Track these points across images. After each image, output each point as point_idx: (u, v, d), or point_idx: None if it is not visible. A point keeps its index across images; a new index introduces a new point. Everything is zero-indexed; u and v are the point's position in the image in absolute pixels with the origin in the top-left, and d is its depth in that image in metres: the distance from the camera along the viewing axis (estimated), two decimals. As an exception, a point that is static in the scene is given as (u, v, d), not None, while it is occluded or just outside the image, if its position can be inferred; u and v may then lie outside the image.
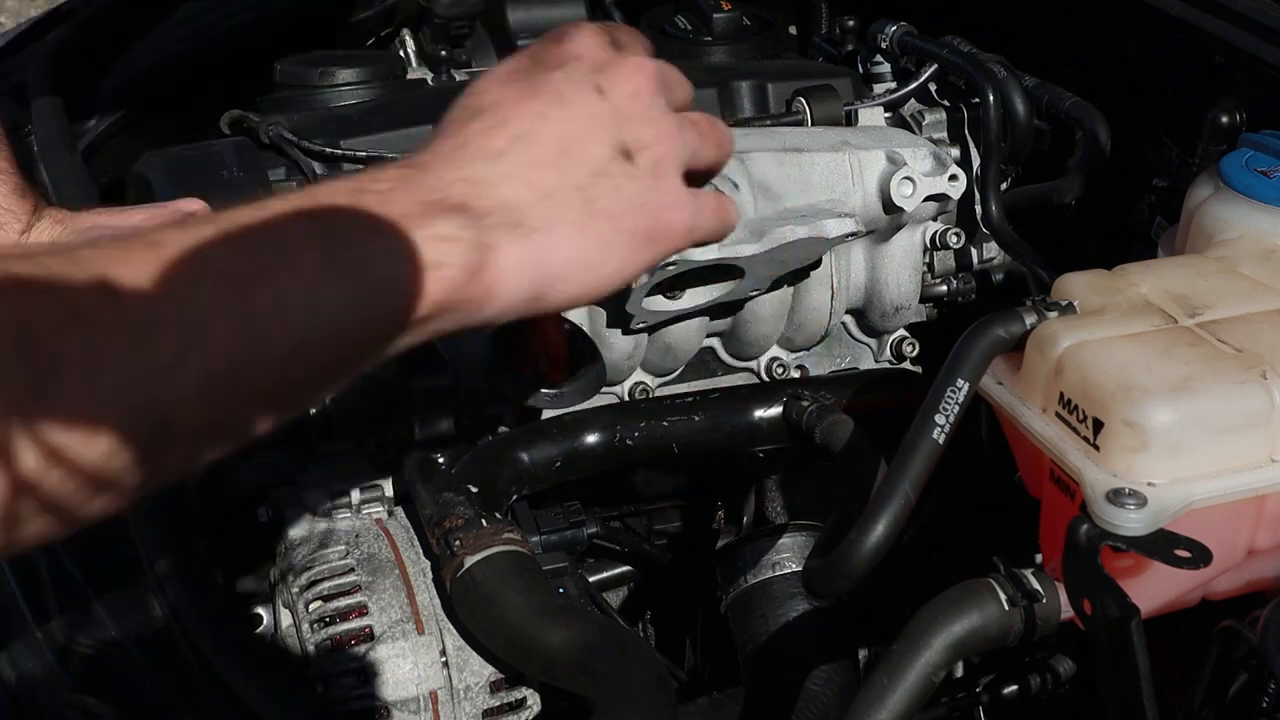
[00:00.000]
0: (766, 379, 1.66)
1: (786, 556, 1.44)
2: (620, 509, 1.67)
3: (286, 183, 1.55)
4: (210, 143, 1.62)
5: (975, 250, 1.77)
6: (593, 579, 1.66)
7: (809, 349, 1.69)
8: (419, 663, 1.27)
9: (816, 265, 1.58)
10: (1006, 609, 1.07)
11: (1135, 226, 1.65)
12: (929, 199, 1.60)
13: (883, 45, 1.81)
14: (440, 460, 1.37)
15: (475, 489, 1.33)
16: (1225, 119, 1.52)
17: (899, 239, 1.65)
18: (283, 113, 1.63)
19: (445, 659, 1.27)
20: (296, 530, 1.38)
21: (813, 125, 1.68)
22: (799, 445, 1.49)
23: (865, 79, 1.84)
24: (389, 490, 1.44)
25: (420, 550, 1.35)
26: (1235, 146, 1.38)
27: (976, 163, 1.75)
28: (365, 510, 1.41)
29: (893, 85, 1.82)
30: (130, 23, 1.93)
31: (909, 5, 1.86)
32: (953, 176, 1.60)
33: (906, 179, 1.58)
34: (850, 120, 1.71)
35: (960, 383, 1.12)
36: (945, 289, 1.73)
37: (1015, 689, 1.28)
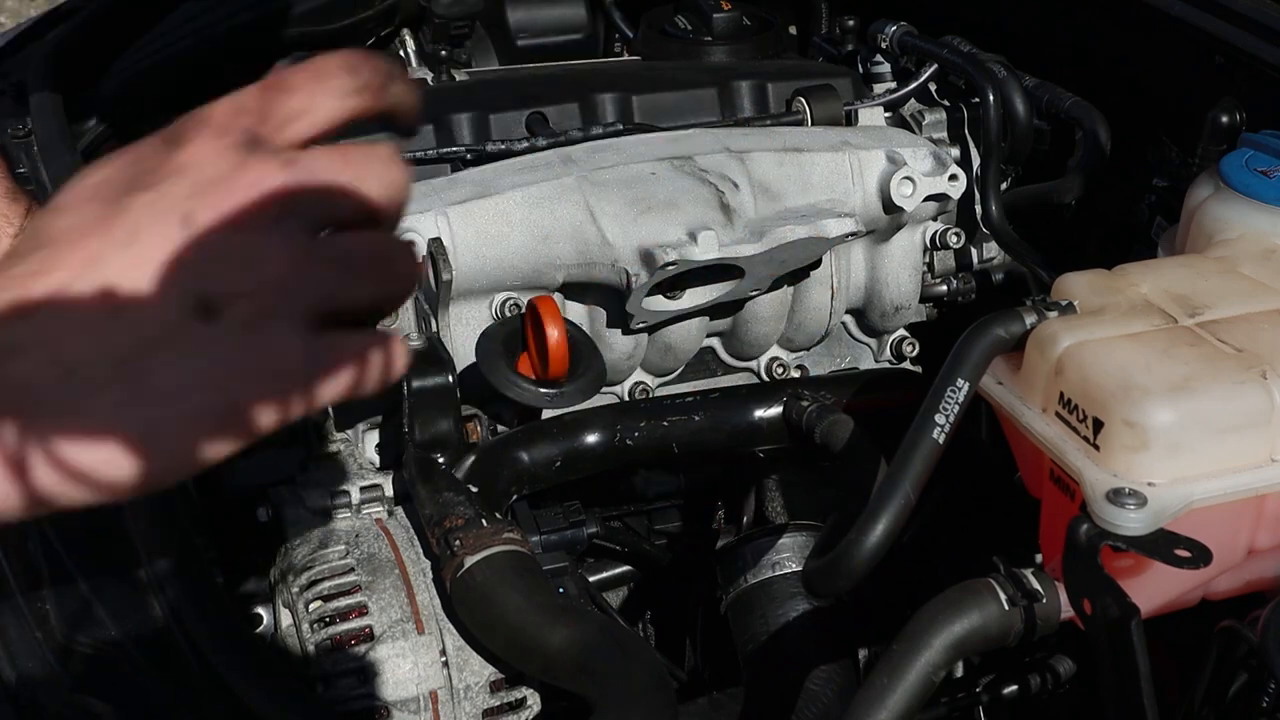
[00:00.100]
0: (766, 379, 1.66)
1: (786, 556, 1.44)
2: (620, 509, 1.67)
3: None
4: (210, 143, 1.62)
5: (975, 250, 1.77)
6: (593, 579, 1.66)
7: (809, 349, 1.69)
8: (419, 663, 1.27)
9: (816, 265, 1.58)
10: (1006, 609, 1.07)
11: (1135, 226, 1.65)
12: (929, 199, 1.60)
13: (883, 45, 1.81)
14: (440, 460, 1.37)
15: (475, 489, 1.33)
16: (1225, 119, 1.52)
17: (899, 239, 1.65)
18: (283, 113, 1.62)
19: (445, 659, 1.27)
20: (296, 530, 1.38)
21: (813, 125, 1.68)
22: (799, 445, 1.49)
23: (865, 79, 1.84)
24: (389, 490, 1.43)
25: (420, 550, 1.35)
26: (1235, 146, 1.38)
27: (976, 163, 1.75)
28: (365, 510, 1.41)
29: (893, 85, 1.82)
30: (130, 23, 1.93)
31: (909, 5, 1.86)
32: (953, 176, 1.60)
33: (906, 179, 1.58)
34: (850, 120, 1.71)
35: (960, 383, 1.12)
36: (945, 289, 1.73)
37: (1015, 689, 1.28)
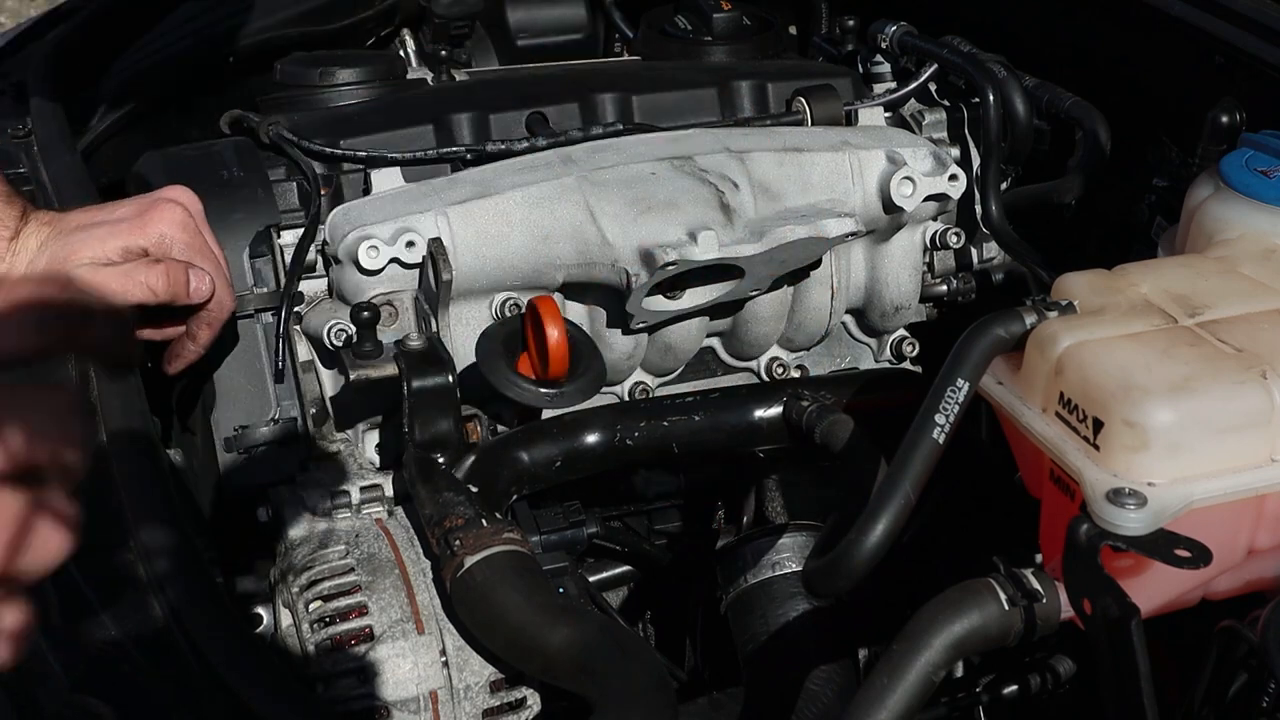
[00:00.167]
0: (766, 379, 1.66)
1: (786, 556, 1.44)
2: (620, 509, 1.67)
3: (287, 182, 1.56)
4: (210, 143, 1.62)
5: (975, 250, 1.77)
6: (593, 579, 1.66)
7: (809, 349, 1.69)
8: (419, 663, 1.27)
9: (816, 265, 1.58)
10: (1006, 609, 1.07)
11: (1135, 226, 1.65)
12: (929, 199, 1.60)
13: (883, 45, 1.81)
14: (440, 460, 1.37)
15: (475, 489, 1.33)
16: (1225, 119, 1.52)
17: (899, 239, 1.65)
18: (283, 113, 1.63)
19: (445, 659, 1.27)
20: (296, 530, 1.38)
21: (813, 125, 1.68)
22: (799, 445, 1.49)
23: (865, 79, 1.84)
24: (389, 490, 1.43)
25: (420, 550, 1.35)
26: (1235, 146, 1.38)
27: (976, 163, 1.75)
28: (365, 510, 1.41)
29: (893, 85, 1.82)
30: (130, 23, 1.93)
31: (909, 5, 1.86)
32: (953, 176, 1.60)
33: (906, 179, 1.58)
34: (850, 120, 1.71)
35: (960, 383, 1.12)
36: (945, 289, 1.73)
37: (1015, 689, 1.28)
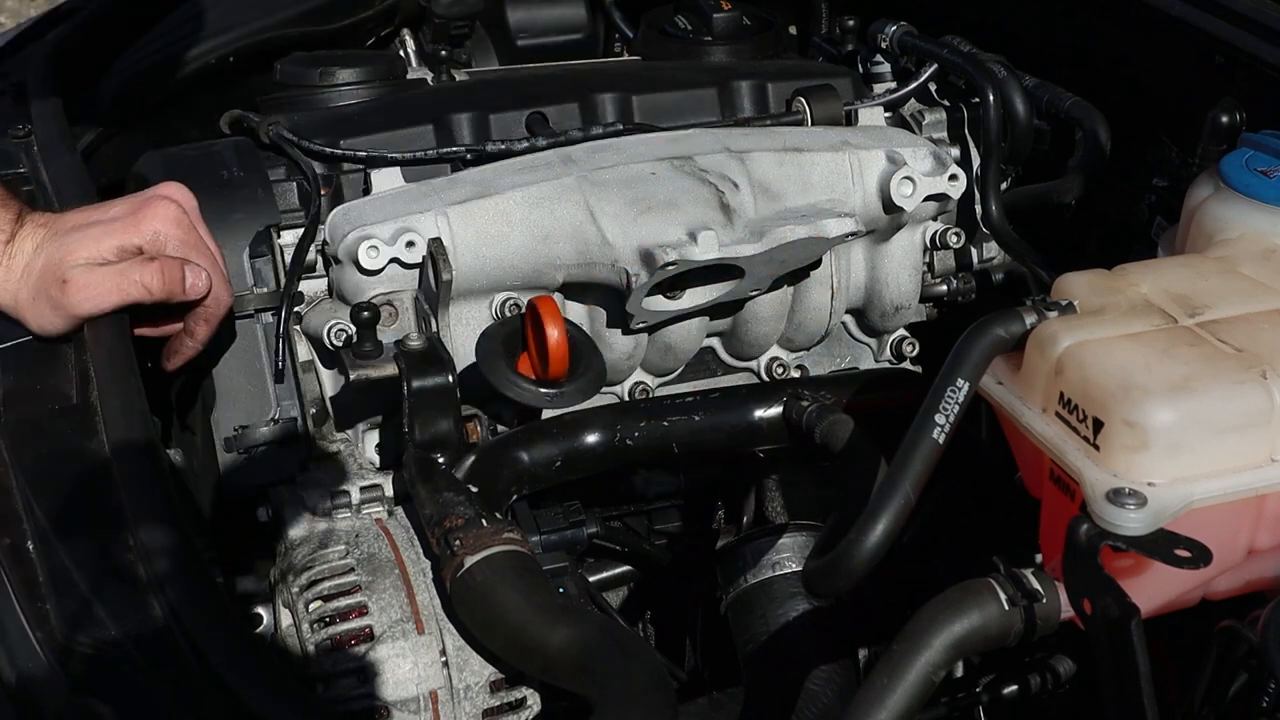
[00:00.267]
0: (766, 379, 1.66)
1: (786, 556, 1.44)
2: (620, 509, 1.67)
3: (287, 182, 1.56)
4: (210, 143, 1.62)
5: (975, 250, 1.77)
6: (593, 579, 1.66)
7: (809, 349, 1.69)
8: (419, 662, 1.27)
9: (816, 265, 1.58)
10: (1006, 609, 1.07)
11: (1135, 226, 1.65)
12: (929, 199, 1.60)
13: (883, 45, 1.81)
14: (440, 460, 1.37)
15: (475, 489, 1.33)
16: (1225, 119, 1.52)
17: (899, 239, 1.65)
18: (283, 113, 1.63)
19: (445, 659, 1.27)
20: (296, 530, 1.38)
21: (813, 125, 1.68)
22: (799, 445, 1.49)
23: (865, 79, 1.84)
24: (389, 490, 1.43)
25: (420, 550, 1.35)
26: (1235, 146, 1.38)
27: (976, 163, 1.75)
28: (365, 510, 1.41)
29: (893, 85, 1.82)
30: (130, 23, 1.93)
31: (909, 5, 1.86)
32: (953, 176, 1.60)
33: (906, 179, 1.58)
34: (850, 120, 1.71)
35: (960, 383, 1.12)
36: (945, 289, 1.73)
37: (1015, 689, 1.28)
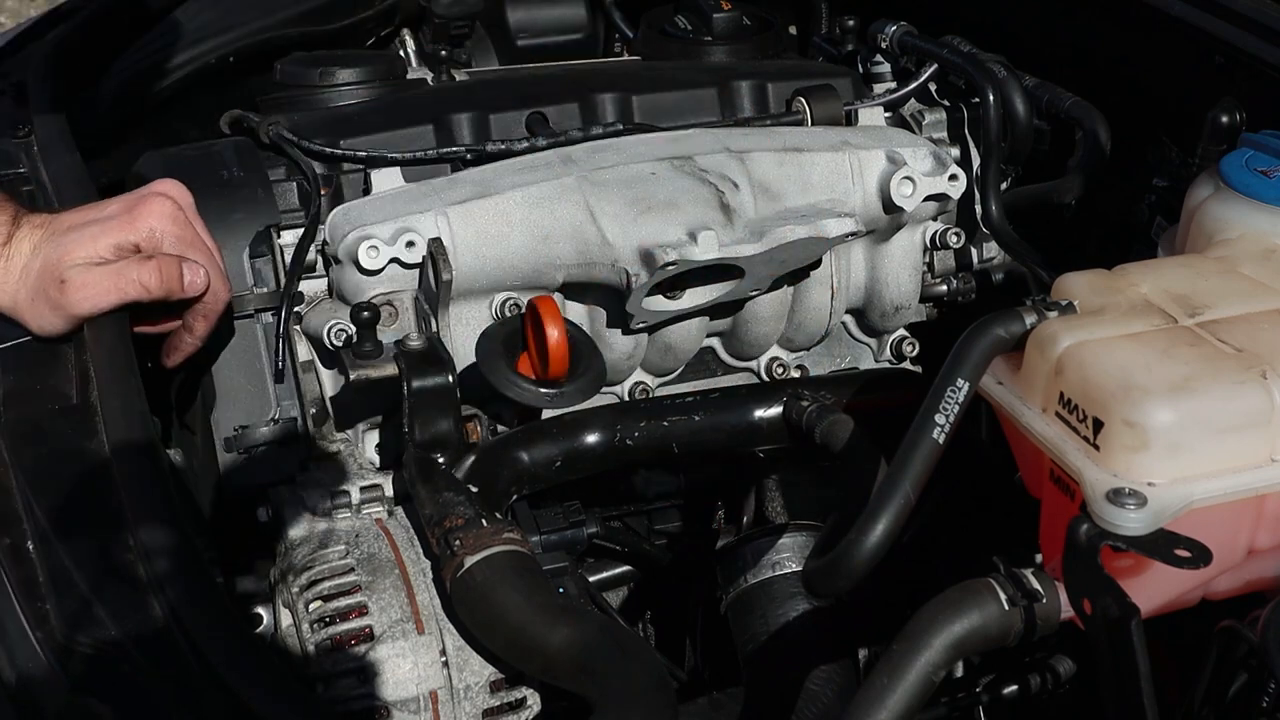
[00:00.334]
0: (766, 379, 1.66)
1: (786, 556, 1.44)
2: (620, 509, 1.67)
3: (287, 182, 1.56)
4: (210, 143, 1.62)
5: (975, 250, 1.77)
6: (593, 579, 1.66)
7: (809, 349, 1.69)
8: (419, 662, 1.27)
9: (816, 265, 1.58)
10: (1006, 609, 1.07)
11: (1135, 226, 1.65)
12: (929, 199, 1.60)
13: (883, 45, 1.81)
14: (440, 460, 1.37)
15: (475, 489, 1.33)
16: (1225, 119, 1.52)
17: (899, 239, 1.65)
18: (283, 113, 1.63)
19: (445, 659, 1.27)
20: (296, 530, 1.38)
21: (813, 125, 1.68)
22: (799, 445, 1.49)
23: (865, 79, 1.84)
24: (389, 490, 1.43)
25: (420, 550, 1.35)
26: (1235, 146, 1.38)
27: (976, 163, 1.75)
28: (365, 510, 1.41)
29: (893, 85, 1.82)
30: (130, 23, 1.93)
31: (909, 5, 1.86)
32: (953, 176, 1.60)
33: (906, 179, 1.58)
34: (850, 120, 1.71)
35: (960, 383, 1.12)
36: (945, 289, 1.73)
37: (1015, 689, 1.28)
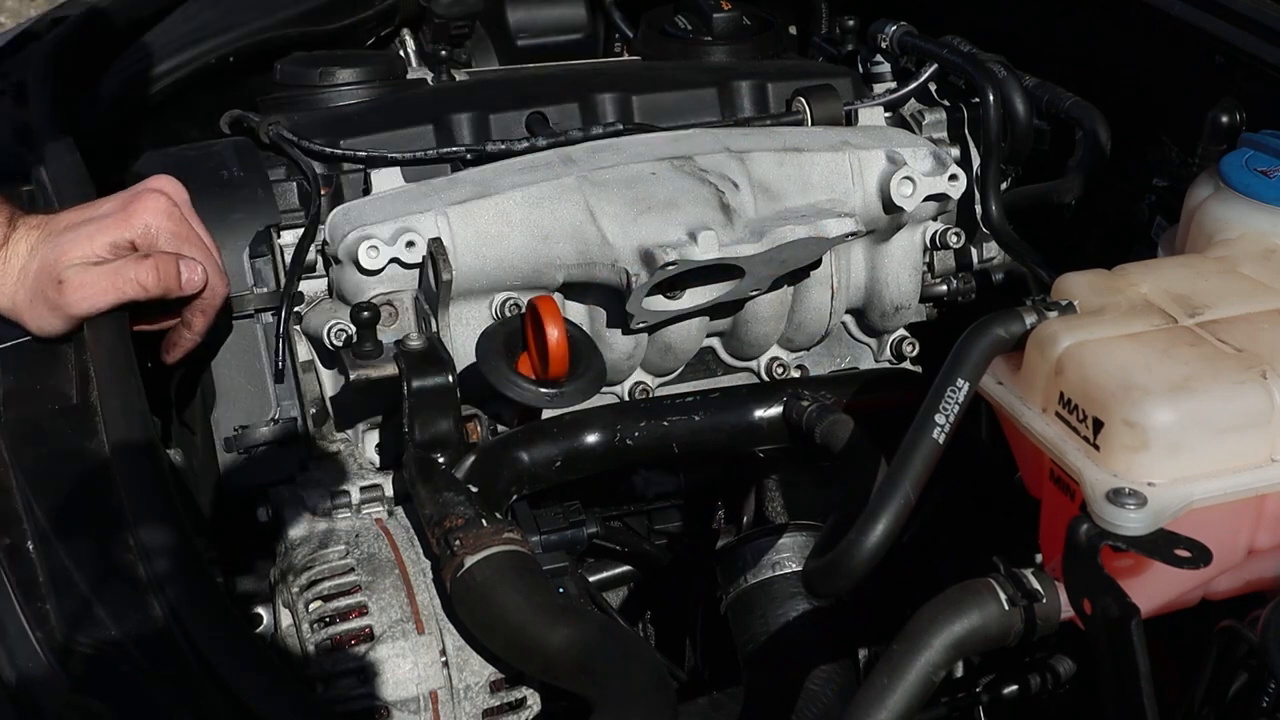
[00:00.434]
0: (766, 379, 1.66)
1: (786, 556, 1.44)
2: (620, 509, 1.67)
3: (287, 182, 1.56)
4: (210, 143, 1.62)
5: (975, 250, 1.77)
6: (593, 579, 1.66)
7: (809, 349, 1.69)
8: (419, 662, 1.27)
9: (816, 265, 1.58)
10: (1006, 609, 1.07)
11: (1135, 226, 1.65)
12: (929, 199, 1.60)
13: (883, 45, 1.81)
14: (440, 460, 1.37)
15: (475, 489, 1.33)
16: (1225, 119, 1.52)
17: (899, 239, 1.65)
18: (283, 113, 1.63)
19: (445, 659, 1.27)
20: (296, 530, 1.38)
21: (813, 125, 1.68)
22: (799, 445, 1.49)
23: (865, 79, 1.84)
24: (389, 490, 1.43)
25: (420, 550, 1.35)
26: (1235, 146, 1.38)
27: (976, 163, 1.75)
28: (365, 510, 1.41)
29: (893, 85, 1.82)
30: (130, 22, 1.93)
31: (909, 5, 1.86)
32: (953, 176, 1.60)
33: (906, 179, 1.58)
34: (850, 120, 1.71)
35: (960, 383, 1.12)
36: (945, 289, 1.73)
37: (1015, 689, 1.28)
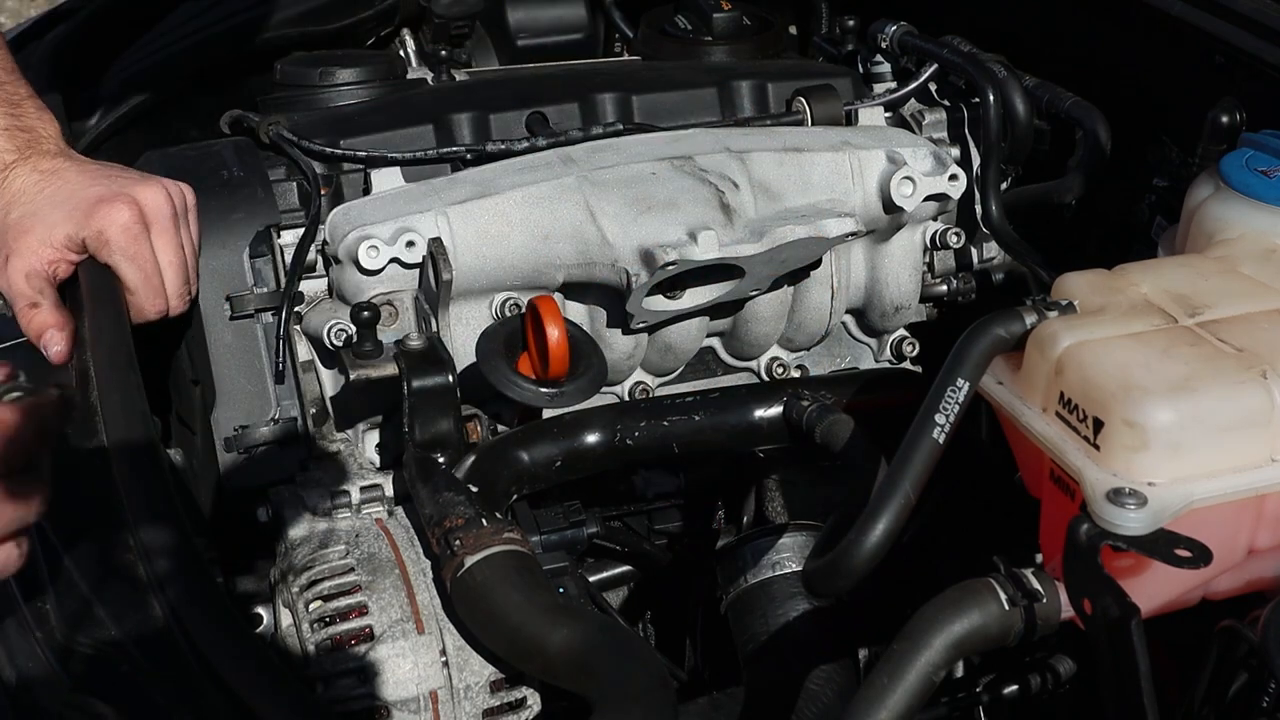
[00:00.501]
0: (766, 379, 1.66)
1: (786, 556, 1.44)
2: (620, 509, 1.67)
3: (287, 182, 1.56)
4: (210, 143, 1.62)
5: (975, 250, 1.77)
6: (593, 579, 1.66)
7: (809, 349, 1.69)
8: (419, 662, 1.27)
9: (816, 265, 1.58)
10: (1006, 609, 1.07)
11: (1135, 226, 1.65)
12: (929, 199, 1.60)
13: (883, 45, 1.81)
14: (440, 460, 1.37)
15: (475, 489, 1.33)
16: (1225, 119, 1.52)
17: (899, 239, 1.65)
18: (283, 113, 1.63)
19: (445, 659, 1.27)
20: (296, 530, 1.38)
21: (813, 125, 1.68)
22: (799, 445, 1.49)
23: (865, 79, 1.84)
24: (389, 490, 1.44)
25: (420, 550, 1.35)
26: (1235, 146, 1.38)
27: (976, 163, 1.75)
28: (365, 510, 1.41)
29: (893, 85, 1.82)
30: (130, 23, 1.93)
31: (909, 5, 1.86)
32: (953, 176, 1.60)
33: (906, 179, 1.58)
34: (850, 120, 1.71)
35: (960, 382, 1.12)
36: (945, 289, 1.73)
37: (1015, 689, 1.28)
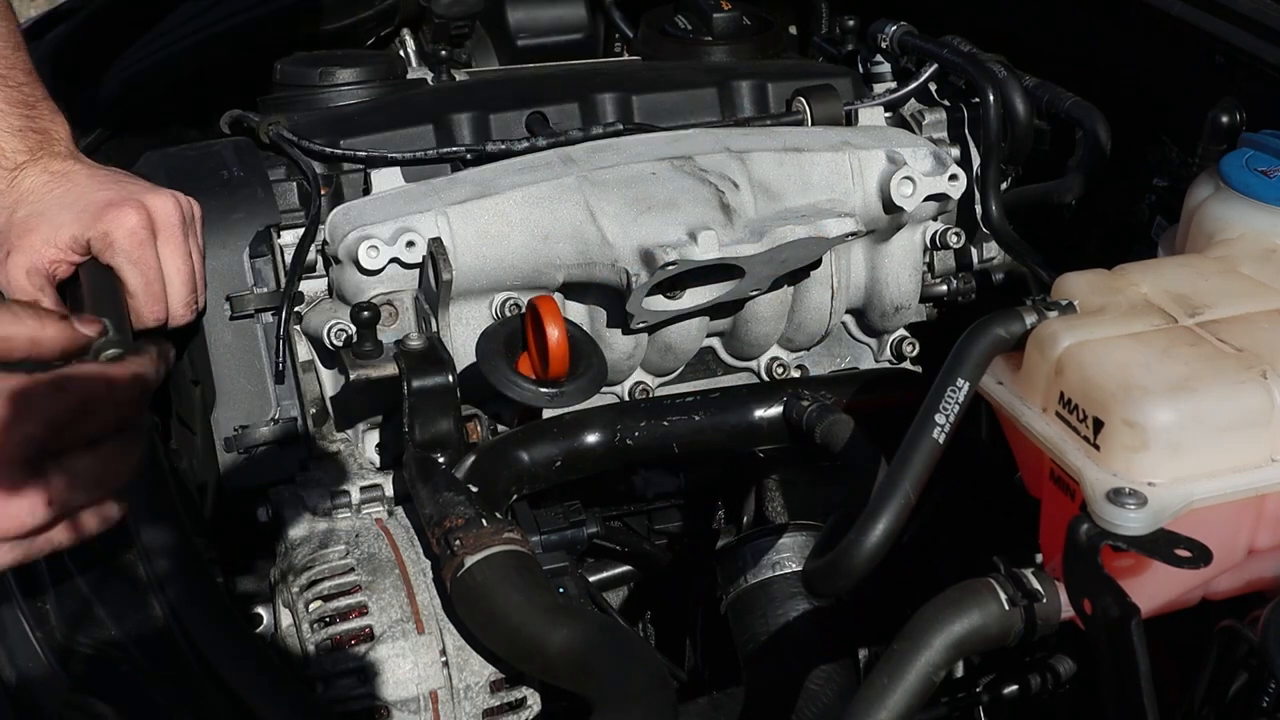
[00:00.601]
0: (767, 379, 1.66)
1: (786, 556, 1.44)
2: (620, 509, 1.67)
3: (287, 182, 1.56)
4: (210, 143, 1.62)
5: (975, 250, 1.77)
6: (593, 579, 1.66)
7: (809, 349, 1.69)
8: (419, 662, 1.27)
9: (816, 265, 1.58)
10: (1007, 609, 1.07)
11: (1135, 226, 1.65)
12: (929, 199, 1.60)
13: (883, 45, 1.81)
14: (440, 460, 1.37)
15: (475, 489, 1.33)
16: (1225, 119, 1.52)
17: (899, 239, 1.65)
18: (283, 113, 1.63)
19: (445, 659, 1.27)
20: (296, 530, 1.38)
21: (813, 125, 1.68)
22: (799, 445, 1.49)
23: (865, 79, 1.84)
24: (389, 490, 1.44)
25: (420, 550, 1.35)
26: (1235, 146, 1.38)
27: (976, 163, 1.75)
28: (365, 510, 1.41)
29: (893, 85, 1.82)
30: (130, 23, 1.93)
31: (909, 5, 1.86)
32: (953, 176, 1.60)
33: (906, 179, 1.58)
34: (850, 120, 1.71)
35: (960, 382, 1.12)
36: (945, 289, 1.73)
37: (1015, 689, 1.28)
